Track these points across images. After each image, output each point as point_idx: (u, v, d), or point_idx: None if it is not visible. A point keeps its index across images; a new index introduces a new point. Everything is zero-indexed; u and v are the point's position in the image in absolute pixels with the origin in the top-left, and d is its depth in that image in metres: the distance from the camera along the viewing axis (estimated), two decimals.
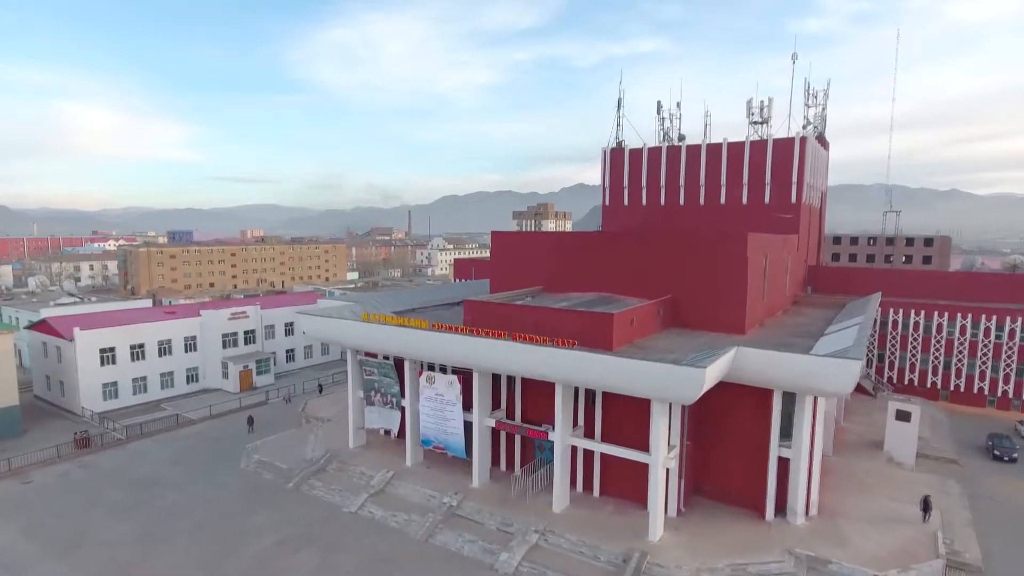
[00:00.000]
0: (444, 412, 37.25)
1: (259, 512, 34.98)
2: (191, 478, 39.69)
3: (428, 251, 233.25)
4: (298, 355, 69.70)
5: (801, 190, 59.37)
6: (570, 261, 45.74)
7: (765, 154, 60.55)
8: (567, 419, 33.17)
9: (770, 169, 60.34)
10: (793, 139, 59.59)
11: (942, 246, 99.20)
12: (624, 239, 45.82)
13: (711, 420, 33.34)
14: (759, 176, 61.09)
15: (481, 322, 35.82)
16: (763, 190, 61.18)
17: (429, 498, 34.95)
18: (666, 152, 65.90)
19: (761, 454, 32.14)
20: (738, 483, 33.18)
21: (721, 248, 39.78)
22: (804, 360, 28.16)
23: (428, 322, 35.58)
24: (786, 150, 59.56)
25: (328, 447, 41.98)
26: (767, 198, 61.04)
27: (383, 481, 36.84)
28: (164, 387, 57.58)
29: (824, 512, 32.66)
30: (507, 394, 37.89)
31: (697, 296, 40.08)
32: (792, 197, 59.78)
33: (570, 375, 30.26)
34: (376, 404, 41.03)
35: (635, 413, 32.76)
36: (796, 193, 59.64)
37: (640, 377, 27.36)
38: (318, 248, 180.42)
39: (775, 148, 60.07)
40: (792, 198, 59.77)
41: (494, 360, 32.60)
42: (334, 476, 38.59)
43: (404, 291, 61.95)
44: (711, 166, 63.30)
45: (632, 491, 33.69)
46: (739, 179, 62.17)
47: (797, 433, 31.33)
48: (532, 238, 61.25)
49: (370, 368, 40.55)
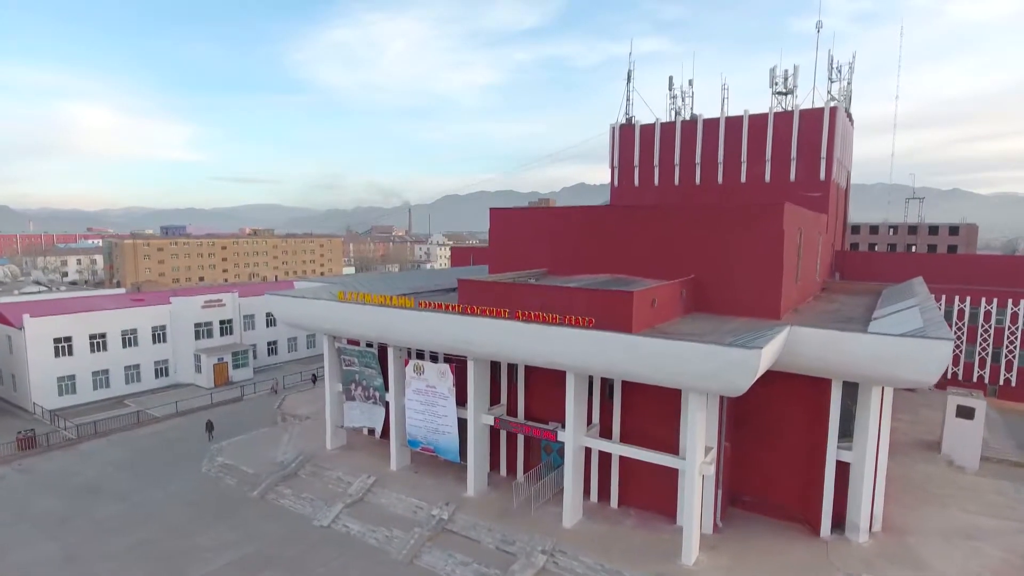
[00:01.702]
0: (434, 408, 31.81)
1: (214, 526, 29.53)
2: (141, 485, 34.22)
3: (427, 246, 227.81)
4: (281, 348, 64.25)
5: (831, 166, 53.73)
6: (578, 239, 40.21)
7: (791, 127, 54.84)
8: (580, 416, 27.69)
9: (796, 143, 54.74)
10: (822, 109, 54.05)
11: (968, 235, 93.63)
12: (640, 212, 40.28)
13: (752, 417, 27.87)
14: (784, 151, 55.41)
15: (477, 304, 30.42)
16: (788, 167, 55.48)
17: (416, 509, 29.49)
18: (680, 127, 60.30)
19: (815, 457, 26.66)
20: (785, 492, 27.70)
21: (754, 219, 34.23)
22: (879, 342, 22.59)
23: (414, 300, 30.10)
24: (814, 122, 53.86)
25: (302, 449, 36.52)
26: (792, 175, 55.36)
27: (362, 489, 31.37)
28: (129, 382, 52.11)
29: (889, 527, 27.15)
30: (508, 386, 32.43)
31: (725, 276, 34.49)
32: (821, 174, 54.12)
33: (587, 361, 24.71)
34: (357, 399, 35.57)
35: (662, 408, 27.39)
36: (825, 169, 54.00)
37: (677, 362, 21.84)
38: (312, 242, 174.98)
39: (802, 120, 54.46)
40: (821, 175, 54.12)
41: (493, 344, 27.07)
42: (307, 482, 33.12)
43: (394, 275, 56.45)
44: (730, 141, 57.64)
45: (657, 501, 28.27)
46: (761, 155, 56.50)
47: (860, 432, 25.82)
48: (535, 214, 55.54)
49: (349, 357, 35.09)
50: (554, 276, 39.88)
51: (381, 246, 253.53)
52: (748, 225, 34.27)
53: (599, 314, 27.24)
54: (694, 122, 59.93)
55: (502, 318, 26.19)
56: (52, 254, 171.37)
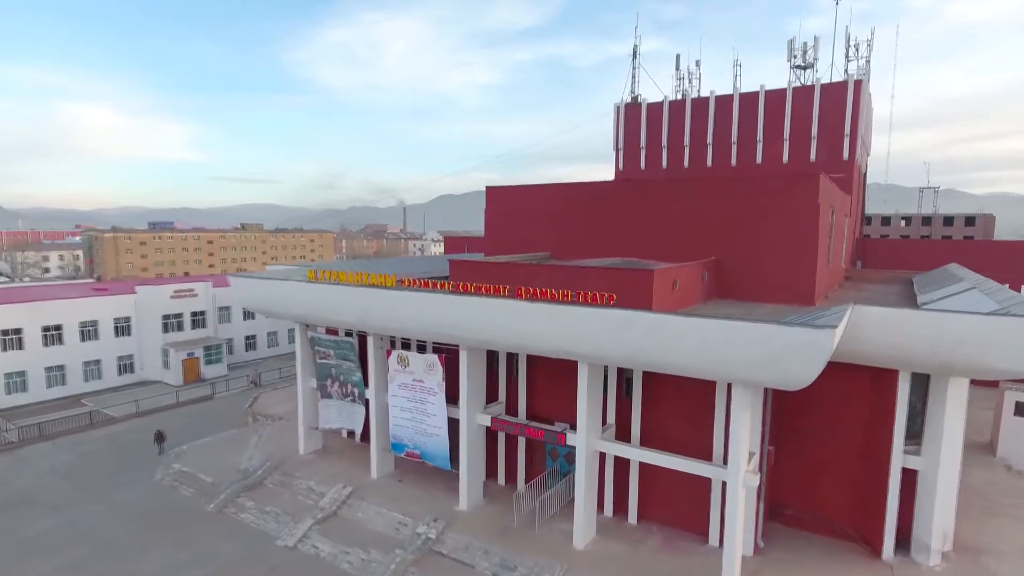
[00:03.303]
0: (422, 406, 27.30)
1: (160, 546, 24.95)
2: (82, 496, 29.60)
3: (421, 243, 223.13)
4: (260, 342, 59.54)
5: (855, 145, 49.36)
6: (584, 219, 35.77)
7: (811, 103, 50.51)
8: (594, 415, 23.23)
9: (817, 121, 50.41)
10: (845, 83, 49.76)
11: (986, 225, 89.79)
12: (654, 188, 35.92)
13: (797, 415, 23.49)
14: (803, 130, 50.98)
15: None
16: (808, 146, 51.11)
17: (398, 526, 24.96)
18: (691, 105, 55.86)
19: (875, 463, 22.29)
20: (837, 504, 23.30)
21: (787, 191, 29.87)
22: (971, 322, 18.12)
23: (396, 277, 25.56)
24: (837, 97, 49.50)
25: (271, 453, 31.93)
26: (813, 155, 51.05)
27: (337, 501, 26.82)
28: (88, 379, 47.37)
29: (961, 547, 22.77)
30: (507, 381, 27.99)
31: (751, 257, 30.08)
32: (844, 153, 49.77)
33: (608, 348, 20.15)
34: (333, 397, 31.01)
35: (693, 406, 22.98)
36: (849, 149, 49.63)
37: (726, 347, 17.36)
38: (303, 237, 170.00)
39: (824, 95, 50.12)
40: (844, 154, 49.80)
41: (491, 329, 22.52)
42: (273, 493, 28.54)
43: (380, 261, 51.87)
44: (745, 120, 53.19)
45: (685, 516, 23.84)
46: (779, 134, 52.06)
47: (932, 433, 21.44)
48: (536, 191, 50.57)
49: (324, 349, 30.53)
50: (558, 261, 35.48)
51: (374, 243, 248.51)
52: (779, 199, 29.90)
53: (615, 297, 22.85)
54: (706, 100, 55.46)
55: (502, 296, 21.72)
56: (34, 249, 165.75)
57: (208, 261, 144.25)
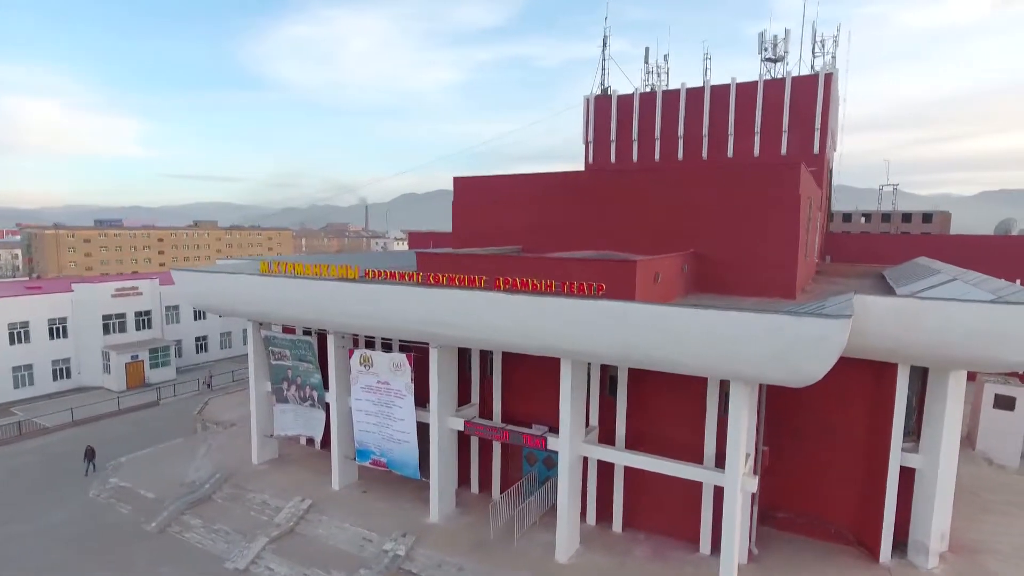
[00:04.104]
0: (388, 410, 25.08)
1: (94, 571, 22.15)
2: (8, 516, 26.44)
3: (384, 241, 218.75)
4: (212, 343, 56.01)
5: (825, 138, 49.01)
6: (558, 210, 34.10)
7: (782, 96, 50.00)
8: (578, 417, 21.45)
9: (788, 114, 49.93)
10: (816, 76, 49.41)
11: (942, 222, 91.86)
12: (631, 178, 34.47)
13: (788, 413, 22.18)
14: (775, 123, 50.39)
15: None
16: (779, 139, 50.57)
17: (363, 543, 22.70)
18: (662, 98, 54.81)
19: (872, 463, 21.15)
20: (832, 506, 22.09)
21: (769, 181, 28.78)
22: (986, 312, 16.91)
23: (358, 269, 23.27)
24: (807, 90, 49.11)
25: (221, 464, 29.20)
26: (784, 149, 50.57)
27: (294, 516, 24.37)
28: (19, 385, 43.38)
29: (957, 546, 21.84)
30: (481, 381, 26.05)
31: (731, 249, 28.91)
32: (815, 147, 49.38)
33: (600, 343, 18.32)
34: (290, 401, 28.48)
35: (682, 406, 21.46)
36: (819, 142, 49.28)
37: (729, 340, 15.76)
38: (260, 235, 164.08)
39: (794, 88, 49.64)
40: (815, 148, 49.40)
41: (469, 324, 20.47)
42: (223, 509, 25.89)
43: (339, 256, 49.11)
44: (716, 113, 52.36)
45: (674, 523, 22.31)
46: (750, 127, 51.37)
47: (932, 430, 20.40)
48: (508, 182, 48.16)
49: (280, 349, 27.98)
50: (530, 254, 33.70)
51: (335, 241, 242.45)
52: (761, 189, 28.77)
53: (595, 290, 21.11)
54: (677, 92, 54.48)
55: (482, 289, 19.73)
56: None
57: (159, 260, 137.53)
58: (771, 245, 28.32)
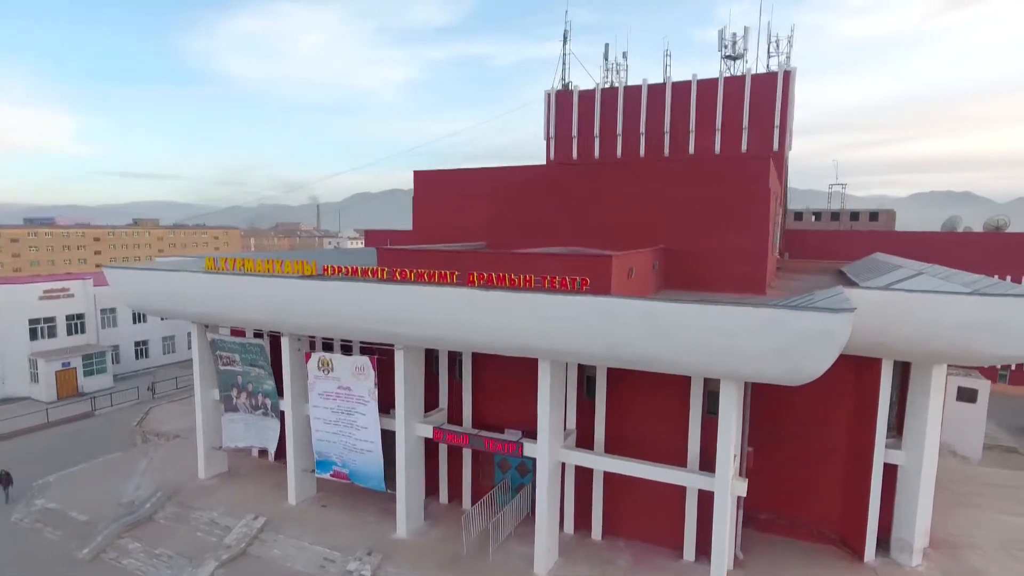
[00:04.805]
0: (350, 417, 23.26)
1: None
2: None
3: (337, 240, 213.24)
4: (153, 348, 52.38)
5: (784, 135, 49.47)
6: (524, 205, 33.04)
7: (743, 93, 50.21)
8: (556, 421, 20.19)
9: (748, 111, 50.20)
10: (775, 74, 49.80)
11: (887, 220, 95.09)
12: (599, 171, 33.51)
13: (769, 413, 21.50)
14: (735, 120, 50.55)
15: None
16: (740, 136, 50.81)
17: (324, 563, 20.87)
18: (624, 93, 54.31)
19: (855, 460, 20.70)
20: (815, 507, 21.56)
21: (738, 175, 28.40)
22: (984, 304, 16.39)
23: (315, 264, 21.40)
24: (767, 87, 49.42)
25: (164, 480, 26.71)
26: (744, 145, 50.86)
27: (247, 536, 22.29)
28: None
29: (937, 542, 21.66)
30: (449, 385, 24.52)
31: (701, 244, 28.43)
32: (774, 144, 49.81)
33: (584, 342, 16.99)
34: (240, 410, 26.25)
35: (664, 406, 20.50)
36: (779, 139, 49.70)
37: (724, 336, 14.73)
38: (206, 234, 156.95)
39: (754, 85, 49.91)
40: (774, 145, 49.83)
41: (441, 323, 18.89)
42: (166, 531, 23.51)
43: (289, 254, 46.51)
44: (677, 110, 52.21)
45: (656, 529, 21.37)
46: (711, 124, 51.38)
47: (915, 426, 20.06)
48: (470, 175, 45.96)
49: (228, 353, 25.74)
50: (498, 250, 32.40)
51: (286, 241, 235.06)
52: (731, 183, 28.43)
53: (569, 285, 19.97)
54: (638, 88, 54.14)
55: (451, 285, 18.23)
56: None
57: (95, 260, 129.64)
58: (741, 239, 27.99)
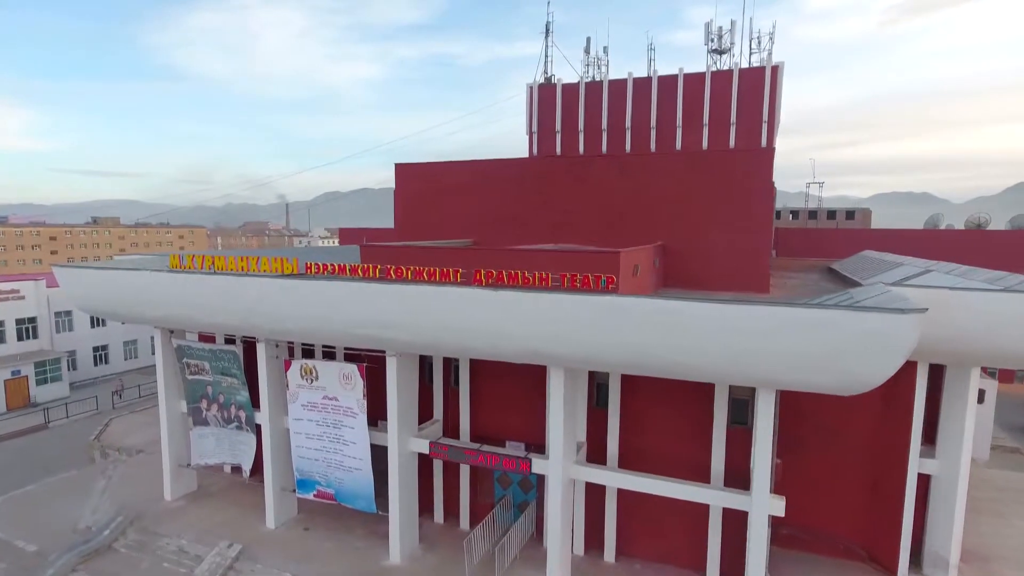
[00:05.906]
0: (336, 431, 21.04)
1: None
2: None
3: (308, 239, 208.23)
4: (114, 353, 48.94)
5: (773, 131, 48.63)
6: (512, 200, 31.25)
7: (730, 87, 49.18)
8: (569, 434, 18.33)
9: (736, 106, 49.18)
10: (763, 68, 48.89)
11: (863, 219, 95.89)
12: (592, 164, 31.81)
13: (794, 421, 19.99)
14: (723, 115, 49.55)
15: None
16: (727, 132, 49.78)
17: None
18: (608, 87, 52.82)
19: (886, 470, 19.29)
20: (843, 520, 20.13)
21: (741, 168, 26.94)
22: None
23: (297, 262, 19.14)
24: (755, 82, 48.49)
25: (125, 503, 24.05)
26: (732, 141, 49.85)
27: (220, 566, 19.88)
28: None
29: (968, 556, 20.44)
30: (445, 395, 22.50)
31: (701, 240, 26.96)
32: (762, 140, 48.91)
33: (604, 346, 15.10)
34: (211, 423, 23.77)
35: (684, 416, 18.81)
36: (767, 135, 48.82)
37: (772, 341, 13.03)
38: (171, 233, 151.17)
39: (742, 80, 48.91)
40: (762, 141, 48.92)
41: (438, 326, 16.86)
42: (127, 561, 20.94)
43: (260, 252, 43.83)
44: (664, 104, 50.95)
45: (675, 549, 19.68)
46: (698, 119, 50.25)
47: (951, 432, 18.76)
48: (456, 169, 43.45)
49: (196, 361, 23.24)
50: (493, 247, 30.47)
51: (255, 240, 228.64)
52: (733, 175, 26.97)
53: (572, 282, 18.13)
54: (623, 82, 52.68)
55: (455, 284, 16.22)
56: None
57: (51, 260, 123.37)
58: (743, 235, 26.53)
